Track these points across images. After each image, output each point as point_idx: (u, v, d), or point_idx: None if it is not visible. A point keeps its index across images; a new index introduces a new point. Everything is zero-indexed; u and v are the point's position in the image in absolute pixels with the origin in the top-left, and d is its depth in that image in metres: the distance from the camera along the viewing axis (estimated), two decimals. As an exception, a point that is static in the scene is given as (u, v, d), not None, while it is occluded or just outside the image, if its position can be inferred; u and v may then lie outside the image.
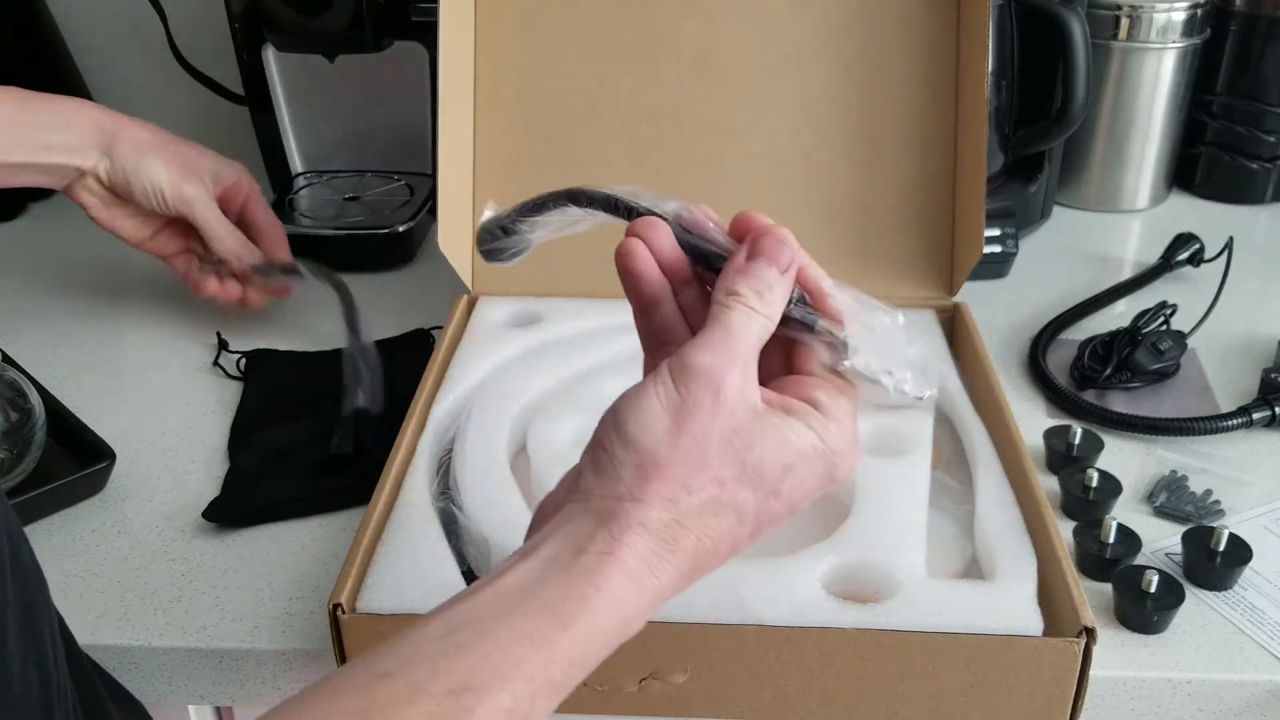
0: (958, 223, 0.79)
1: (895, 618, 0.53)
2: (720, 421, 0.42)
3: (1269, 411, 0.74)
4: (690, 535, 0.42)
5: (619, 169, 0.81)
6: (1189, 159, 1.12)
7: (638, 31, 0.80)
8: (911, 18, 0.79)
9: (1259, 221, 1.09)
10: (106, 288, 0.96)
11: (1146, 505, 0.68)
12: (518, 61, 0.81)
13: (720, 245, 0.46)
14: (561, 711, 0.55)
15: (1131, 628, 0.59)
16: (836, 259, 0.80)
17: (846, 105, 0.80)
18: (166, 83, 1.13)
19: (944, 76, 0.79)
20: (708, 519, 0.42)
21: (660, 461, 0.41)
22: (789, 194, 0.81)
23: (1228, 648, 0.58)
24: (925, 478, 0.62)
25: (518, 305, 0.80)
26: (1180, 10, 1.01)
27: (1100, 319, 0.89)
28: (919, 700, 0.53)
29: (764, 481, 0.43)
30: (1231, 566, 0.61)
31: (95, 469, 0.70)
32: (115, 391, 0.82)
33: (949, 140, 0.80)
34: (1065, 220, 1.08)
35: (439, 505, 0.62)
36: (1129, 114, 1.06)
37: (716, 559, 0.43)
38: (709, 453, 0.42)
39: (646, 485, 0.41)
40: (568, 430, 0.66)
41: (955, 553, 0.60)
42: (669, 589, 0.42)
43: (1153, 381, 0.80)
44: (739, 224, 0.47)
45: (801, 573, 0.55)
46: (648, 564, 0.41)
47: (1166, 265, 0.94)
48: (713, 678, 0.54)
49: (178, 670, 0.60)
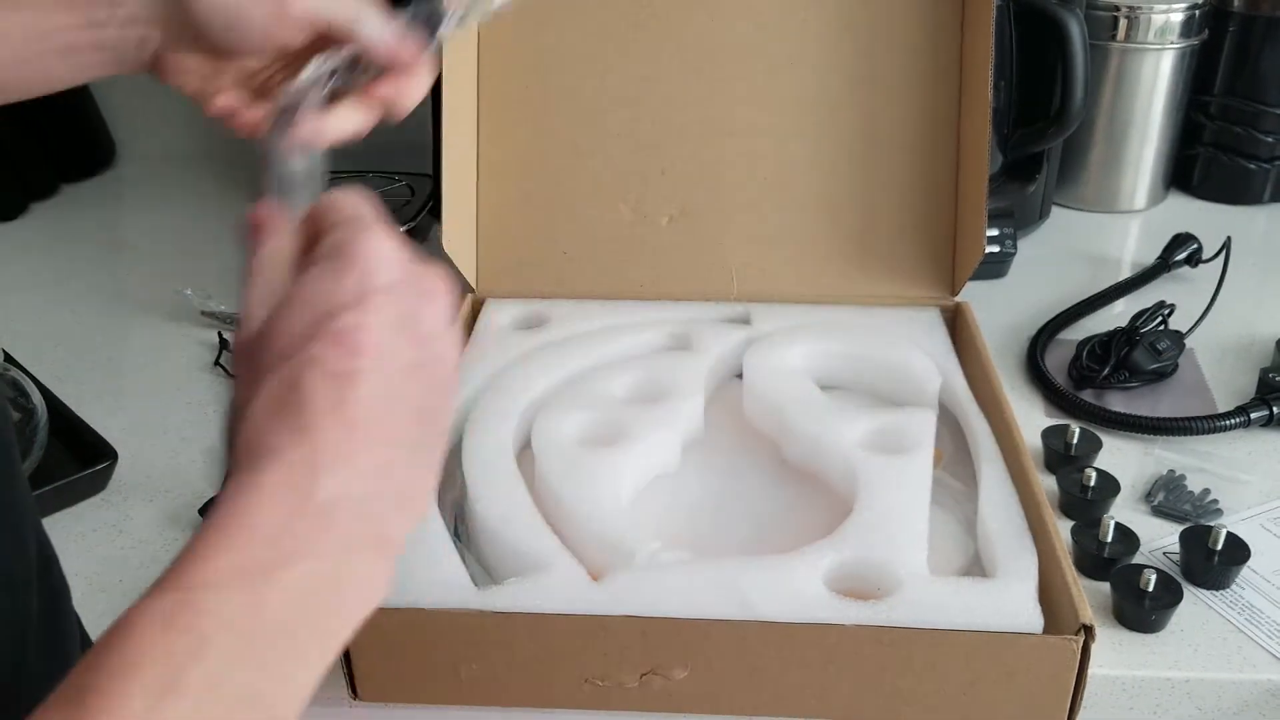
0: (959, 224, 0.80)
1: (896, 614, 0.53)
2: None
3: (1266, 411, 0.74)
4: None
5: (622, 168, 0.81)
6: (1187, 159, 1.12)
7: (641, 31, 0.80)
8: (915, 18, 0.79)
9: (1257, 222, 1.09)
10: (107, 287, 0.97)
11: (1144, 504, 0.69)
12: (521, 62, 0.81)
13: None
14: (562, 707, 0.56)
15: (1130, 626, 0.59)
16: (838, 258, 0.81)
17: (849, 105, 0.80)
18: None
19: (947, 77, 0.79)
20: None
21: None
22: (791, 194, 0.81)
23: (1225, 646, 0.58)
24: (927, 476, 0.62)
25: (524, 308, 0.80)
26: (1178, 11, 1.01)
27: (1098, 319, 0.89)
28: (919, 697, 0.54)
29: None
30: (1229, 565, 0.61)
31: (97, 468, 0.70)
32: (117, 391, 0.82)
33: (951, 141, 0.80)
34: (1064, 220, 1.09)
35: (445, 501, 0.63)
36: (1127, 115, 1.06)
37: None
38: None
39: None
40: (572, 427, 0.67)
41: (957, 550, 0.61)
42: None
43: (1151, 381, 0.80)
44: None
45: (803, 569, 0.56)
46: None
47: (1164, 265, 0.95)
48: (713, 674, 0.54)
49: (180, 668, 0.60)
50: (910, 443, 0.65)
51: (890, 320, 0.77)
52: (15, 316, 0.93)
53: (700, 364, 0.73)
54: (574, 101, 0.81)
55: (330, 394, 0.34)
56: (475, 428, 0.67)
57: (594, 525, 0.59)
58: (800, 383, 0.70)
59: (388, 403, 0.35)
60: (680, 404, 0.69)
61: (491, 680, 0.55)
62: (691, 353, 0.74)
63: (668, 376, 0.71)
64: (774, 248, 0.81)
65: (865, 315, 0.78)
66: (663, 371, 0.72)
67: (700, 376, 0.71)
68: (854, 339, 0.75)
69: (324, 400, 0.34)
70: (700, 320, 0.78)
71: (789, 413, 0.67)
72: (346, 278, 0.36)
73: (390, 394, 0.35)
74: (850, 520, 0.59)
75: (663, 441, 0.67)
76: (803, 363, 0.73)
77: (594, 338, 0.76)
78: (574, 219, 0.82)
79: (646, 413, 0.68)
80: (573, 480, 0.62)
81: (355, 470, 0.34)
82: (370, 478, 0.34)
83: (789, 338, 0.75)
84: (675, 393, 0.70)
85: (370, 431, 0.34)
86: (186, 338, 0.88)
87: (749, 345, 0.74)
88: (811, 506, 0.65)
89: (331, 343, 0.34)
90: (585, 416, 0.68)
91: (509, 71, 0.81)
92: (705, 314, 0.79)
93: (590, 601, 0.54)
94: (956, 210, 0.80)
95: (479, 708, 0.57)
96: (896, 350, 0.74)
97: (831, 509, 0.62)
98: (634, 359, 0.74)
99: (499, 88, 0.82)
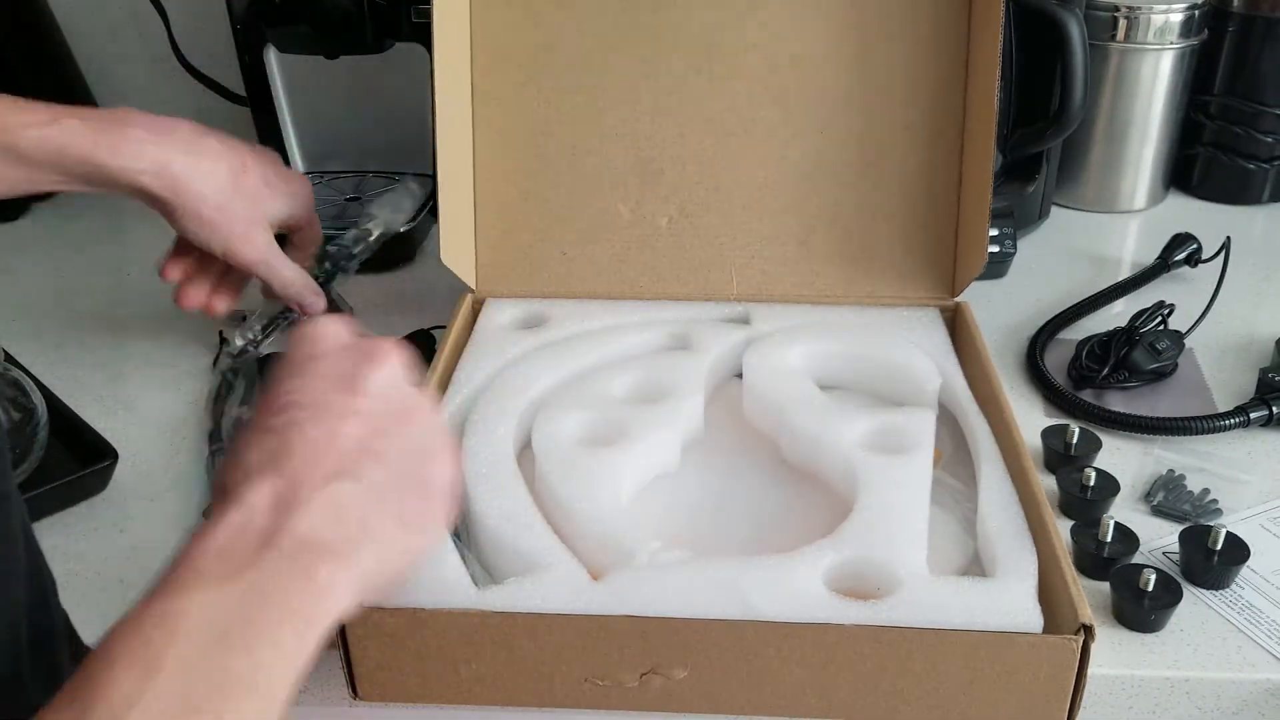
0: (962, 228, 0.79)
1: (896, 614, 0.53)
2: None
3: (1266, 411, 0.74)
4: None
5: (621, 168, 0.81)
6: (1186, 159, 1.12)
7: (640, 30, 0.80)
8: (920, 19, 0.79)
9: (1256, 222, 1.09)
10: (108, 287, 0.97)
11: (1144, 504, 0.69)
12: (519, 61, 0.81)
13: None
14: (562, 706, 0.56)
15: (1129, 626, 0.59)
16: (839, 259, 0.81)
17: (850, 105, 0.80)
18: (168, 83, 1.13)
19: (952, 78, 0.79)
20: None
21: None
22: (793, 194, 0.81)
23: (1225, 646, 0.58)
24: (927, 475, 0.62)
25: (524, 308, 0.80)
26: (1178, 11, 1.01)
27: (1098, 319, 0.89)
28: (918, 696, 0.54)
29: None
30: (1229, 565, 0.62)
31: (97, 468, 0.70)
32: (117, 391, 0.82)
33: (954, 142, 0.80)
34: (1063, 220, 1.09)
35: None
36: (1127, 115, 1.06)
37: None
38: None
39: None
40: (572, 427, 0.67)
41: (956, 550, 0.61)
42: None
43: (1150, 381, 0.80)
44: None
45: (803, 569, 0.56)
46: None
47: (1164, 265, 0.95)
48: (713, 673, 0.54)
49: (181, 668, 0.60)
50: (910, 442, 0.65)
51: (890, 320, 0.77)
52: (15, 316, 0.93)
53: (700, 364, 0.73)
54: (573, 101, 0.81)
55: (270, 446, 0.43)
56: (475, 428, 0.67)
57: (594, 525, 0.59)
58: (800, 383, 0.70)
59: (327, 443, 0.43)
60: (680, 404, 0.69)
61: (491, 680, 0.55)
62: (691, 353, 0.74)
63: (667, 376, 0.71)
64: (774, 248, 0.81)
65: (865, 315, 0.78)
66: (663, 371, 0.72)
67: (700, 376, 0.72)
68: (854, 339, 0.75)
69: (264, 452, 0.43)
70: (700, 320, 0.78)
71: (789, 412, 0.67)
72: (293, 364, 0.47)
73: (329, 437, 0.43)
74: (850, 520, 0.59)
75: (663, 441, 0.67)
76: (802, 363, 0.73)
77: (594, 338, 0.76)
78: (574, 219, 0.82)
79: (646, 413, 0.68)
80: (573, 480, 0.62)
81: (295, 500, 0.41)
82: (311, 506, 0.41)
83: (789, 338, 0.75)
84: (675, 393, 0.70)
85: (308, 471, 0.42)
86: (187, 337, 0.88)
87: (749, 345, 0.74)
88: (811, 506, 0.65)
89: (277, 408, 0.45)
90: (585, 416, 0.68)
91: (507, 71, 0.81)
92: (705, 314, 0.79)
93: (590, 601, 0.54)
94: (958, 212, 0.80)
95: (479, 707, 0.57)
96: (896, 350, 0.74)
97: (831, 509, 0.62)
98: (634, 359, 0.74)
99: (497, 87, 0.82)
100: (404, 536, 0.45)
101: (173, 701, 0.35)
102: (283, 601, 0.39)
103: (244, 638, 0.38)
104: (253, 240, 0.75)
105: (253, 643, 0.38)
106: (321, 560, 0.41)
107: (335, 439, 0.44)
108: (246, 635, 0.38)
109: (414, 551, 0.46)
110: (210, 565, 0.40)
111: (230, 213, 0.74)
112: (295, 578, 0.40)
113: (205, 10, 1.08)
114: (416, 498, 0.46)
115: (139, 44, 1.15)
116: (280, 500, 0.42)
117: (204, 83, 1.12)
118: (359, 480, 0.43)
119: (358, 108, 1.06)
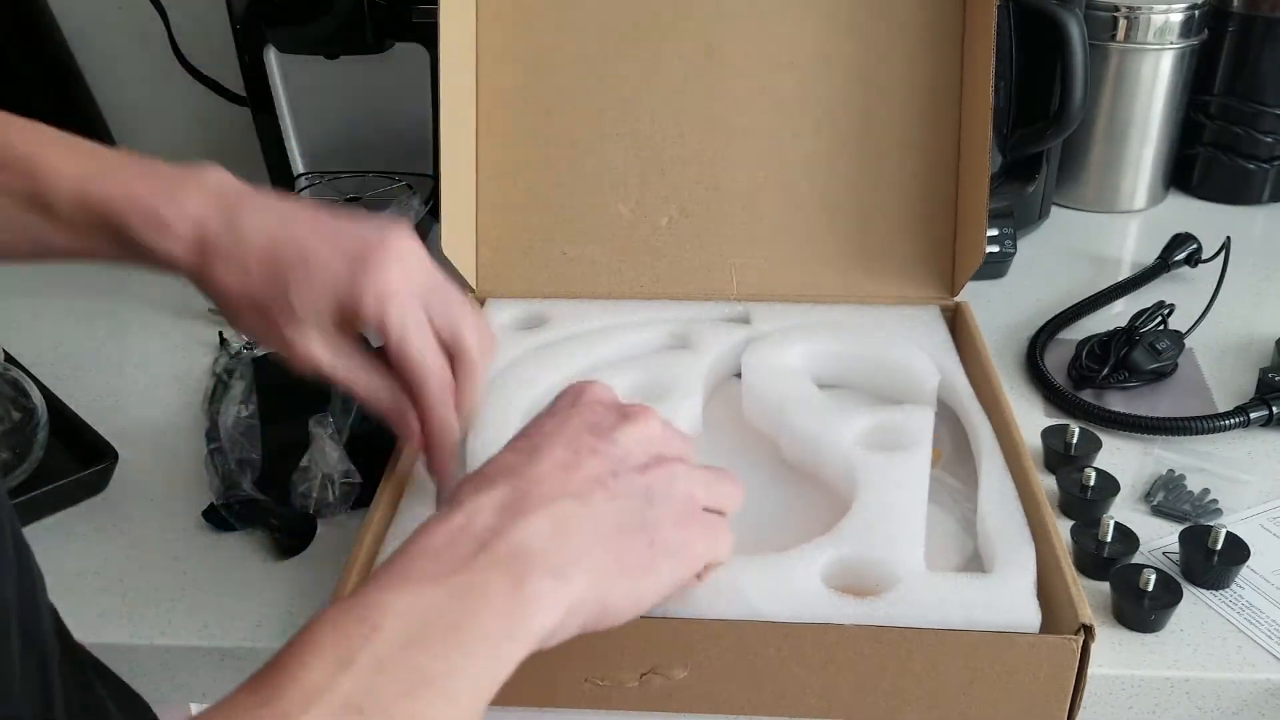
0: (960, 227, 0.80)
1: (895, 610, 0.53)
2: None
3: (1266, 411, 0.74)
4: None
5: (621, 168, 0.81)
6: (1186, 159, 1.12)
7: (640, 31, 0.80)
8: (916, 20, 0.79)
9: (1256, 222, 1.09)
10: (108, 287, 0.97)
11: (1144, 504, 0.69)
12: (520, 62, 0.81)
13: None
14: (562, 706, 0.56)
15: (1129, 626, 0.59)
16: (838, 259, 0.81)
17: (849, 104, 0.80)
18: (168, 84, 1.13)
19: (948, 78, 0.79)
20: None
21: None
22: (792, 194, 0.81)
23: (1225, 646, 0.58)
24: (925, 473, 0.62)
25: (524, 308, 0.80)
26: (1178, 11, 1.01)
27: (1098, 319, 0.89)
28: (918, 696, 0.54)
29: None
30: (1229, 565, 0.61)
31: (97, 468, 0.70)
32: (117, 391, 0.82)
33: (952, 141, 0.80)
34: (1063, 220, 1.09)
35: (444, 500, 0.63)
36: (1127, 115, 1.06)
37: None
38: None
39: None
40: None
41: (954, 549, 0.61)
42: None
43: (1150, 381, 0.80)
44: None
45: (802, 567, 0.56)
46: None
47: (1164, 265, 0.95)
48: (713, 673, 0.54)
49: (180, 668, 0.60)
50: (909, 440, 0.65)
51: (890, 319, 0.77)
52: (15, 316, 0.93)
53: (699, 363, 0.73)
54: (573, 101, 0.81)
55: (509, 463, 0.46)
56: (478, 427, 0.67)
57: (594, 525, 0.59)
58: (799, 382, 0.70)
59: (564, 469, 0.46)
60: (679, 403, 0.69)
61: (491, 679, 0.55)
62: (691, 352, 0.74)
63: (667, 376, 0.71)
64: (774, 248, 0.81)
65: (865, 314, 0.78)
66: (662, 371, 0.72)
67: (699, 376, 0.72)
68: (853, 338, 0.75)
69: (501, 467, 0.46)
70: (700, 320, 0.78)
71: (788, 412, 0.67)
72: (553, 410, 0.51)
73: (567, 466, 0.46)
74: (848, 517, 0.59)
75: (662, 441, 0.67)
76: (802, 362, 0.73)
77: (594, 337, 0.76)
78: (574, 219, 0.82)
79: (646, 412, 0.68)
80: (572, 480, 0.62)
81: (520, 510, 0.43)
82: (534, 517, 0.43)
83: (788, 337, 0.75)
84: (674, 392, 0.70)
85: (539, 487, 0.44)
86: (187, 337, 0.88)
87: (748, 344, 0.74)
88: (810, 505, 0.65)
89: (526, 438, 0.49)
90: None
91: (508, 71, 0.81)
92: (705, 313, 0.79)
93: (590, 601, 0.54)
94: (956, 211, 0.80)
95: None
96: (896, 349, 0.74)
97: (830, 507, 0.62)
98: (633, 358, 0.74)
99: (498, 87, 0.82)
100: (621, 578, 0.45)
101: (360, 697, 0.35)
102: (486, 606, 0.39)
103: (442, 640, 0.38)
104: (291, 332, 0.54)
105: (451, 646, 0.38)
106: (532, 571, 0.41)
107: (573, 468, 0.46)
108: (445, 637, 0.38)
109: (636, 600, 0.46)
110: (423, 564, 0.40)
111: (260, 306, 0.55)
112: (503, 584, 0.40)
113: (205, 10, 1.08)
114: (643, 546, 0.46)
115: (139, 44, 1.15)
116: (506, 507, 0.43)
117: (204, 83, 1.12)
118: (586, 505, 0.45)
119: (358, 108, 1.06)
